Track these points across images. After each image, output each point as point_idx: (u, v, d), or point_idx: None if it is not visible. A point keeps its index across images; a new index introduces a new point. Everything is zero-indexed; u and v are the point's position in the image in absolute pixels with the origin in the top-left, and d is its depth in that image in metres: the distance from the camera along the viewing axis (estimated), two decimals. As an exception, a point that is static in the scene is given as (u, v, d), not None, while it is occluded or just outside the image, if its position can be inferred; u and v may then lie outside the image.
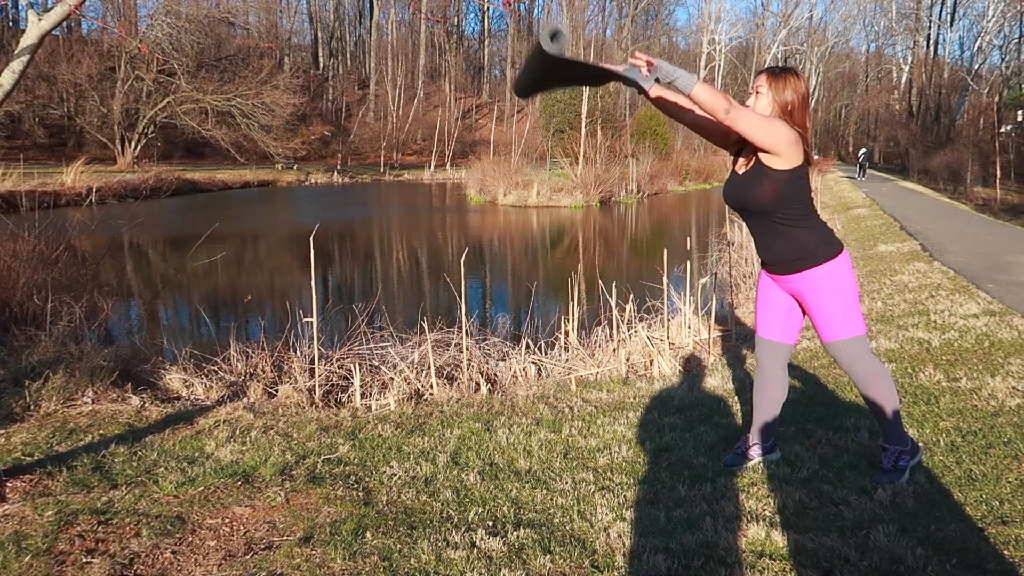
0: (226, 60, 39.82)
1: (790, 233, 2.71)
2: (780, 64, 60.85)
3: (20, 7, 39.74)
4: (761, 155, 2.65)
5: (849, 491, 2.78)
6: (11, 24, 41.34)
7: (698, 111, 2.72)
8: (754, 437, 3.09)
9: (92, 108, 33.76)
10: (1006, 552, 2.28)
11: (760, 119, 2.57)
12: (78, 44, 36.41)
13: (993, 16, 37.49)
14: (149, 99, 33.70)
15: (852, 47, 66.25)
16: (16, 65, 3.02)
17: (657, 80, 2.49)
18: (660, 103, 2.78)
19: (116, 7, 36.90)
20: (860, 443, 3.26)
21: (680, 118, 2.85)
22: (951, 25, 42.05)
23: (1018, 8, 32.38)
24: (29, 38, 3.06)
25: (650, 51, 58.38)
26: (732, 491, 2.86)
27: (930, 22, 43.14)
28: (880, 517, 2.56)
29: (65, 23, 3.21)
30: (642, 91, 2.57)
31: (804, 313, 2.89)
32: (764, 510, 2.69)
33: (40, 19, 3.06)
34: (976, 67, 38.81)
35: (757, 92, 2.71)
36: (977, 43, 38.74)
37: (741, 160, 2.78)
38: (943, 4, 42.52)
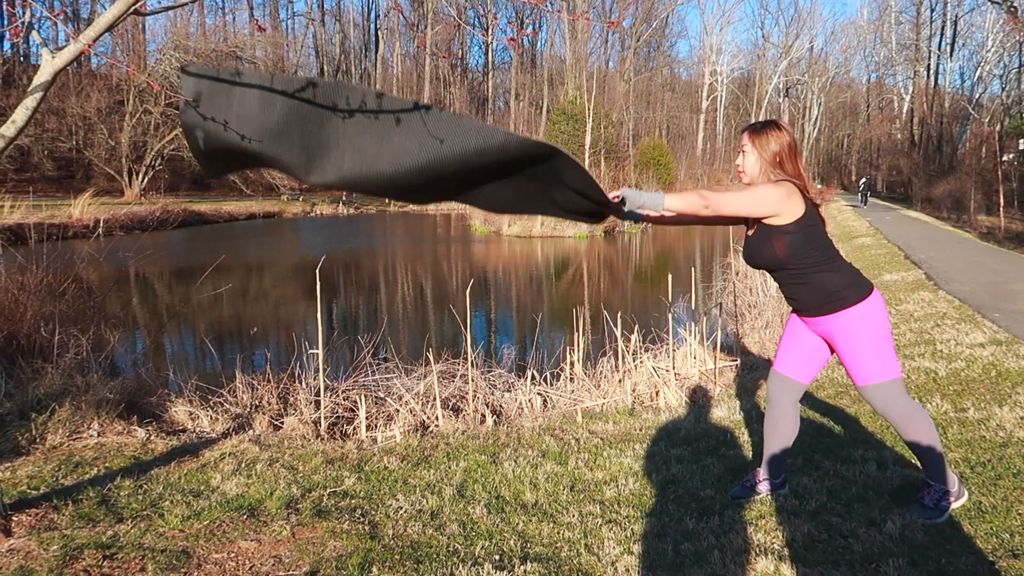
0: (233, 93, 40.26)
1: (814, 280, 2.70)
2: (781, 93, 61.09)
3: (32, 43, 40.37)
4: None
5: (858, 524, 2.76)
6: (22, 59, 41.97)
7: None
8: (764, 472, 3.07)
9: (100, 141, 34.13)
10: (1018, 586, 2.26)
11: (740, 196, 2.61)
12: (87, 78, 36.90)
13: (992, 46, 37.86)
14: (157, 132, 34.08)
15: (853, 77, 66.95)
16: (30, 102, 3.06)
17: (624, 205, 2.56)
18: (656, 221, 2.84)
19: (126, 42, 37.47)
20: (868, 474, 3.24)
21: (685, 223, 2.92)
22: (951, 55, 42.44)
23: (1017, 38, 32.69)
24: (43, 75, 3.11)
25: (652, 83, 58.95)
26: (740, 524, 2.84)
27: (930, 52, 43.54)
28: (890, 550, 2.54)
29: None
30: (637, 219, 2.67)
31: (831, 354, 2.87)
32: (773, 543, 2.67)
33: (54, 56, 3.11)
34: (977, 96, 39.09)
35: (743, 151, 2.77)
36: (977, 73, 39.07)
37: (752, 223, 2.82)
38: (942, 35, 42.95)
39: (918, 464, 2.98)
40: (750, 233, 2.80)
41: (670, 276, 6.21)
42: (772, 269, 2.78)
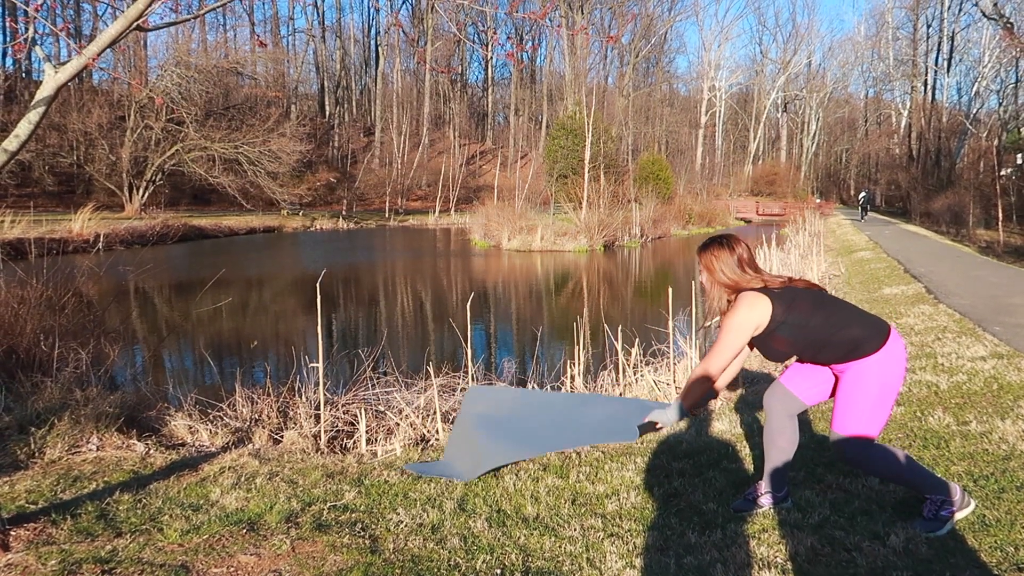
0: (234, 109, 40.49)
1: (831, 343, 2.75)
2: (779, 108, 61.40)
3: (33, 58, 40.60)
4: None
5: (861, 537, 2.74)
6: (24, 75, 42.17)
7: (722, 377, 2.98)
8: (765, 485, 3.06)
9: (101, 156, 34.23)
10: (1024, 600, 2.24)
11: (721, 347, 2.80)
12: (89, 94, 37.05)
13: (989, 62, 38.06)
14: (157, 147, 34.19)
15: (851, 92, 67.30)
16: (32, 116, 3.08)
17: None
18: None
19: (127, 58, 37.66)
20: (871, 487, 3.22)
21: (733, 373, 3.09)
22: (948, 71, 42.66)
23: (1013, 54, 32.88)
24: (45, 90, 3.12)
25: (651, 98, 59.19)
26: (743, 538, 2.82)
27: (927, 68, 43.76)
28: (894, 564, 2.52)
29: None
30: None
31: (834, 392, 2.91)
32: (776, 557, 2.65)
33: (56, 71, 3.13)
34: (974, 111, 39.26)
35: (701, 271, 2.96)
36: (974, 88, 39.27)
37: None
38: (939, 50, 43.19)
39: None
40: (752, 344, 2.90)
41: (670, 289, 6.21)
42: (794, 356, 2.86)
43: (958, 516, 2.78)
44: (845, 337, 2.72)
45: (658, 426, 2.97)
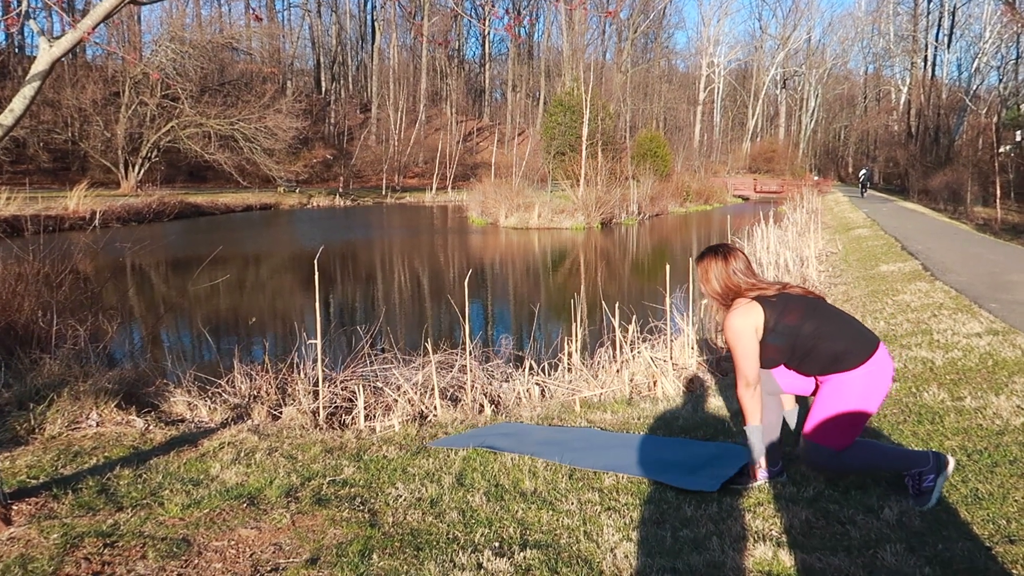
0: (229, 85, 40.14)
1: (811, 353, 2.80)
2: (778, 84, 60.87)
3: (26, 33, 40.20)
4: None
5: (855, 510, 2.77)
6: (17, 51, 41.74)
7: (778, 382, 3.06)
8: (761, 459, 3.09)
9: (96, 133, 33.97)
10: (1014, 571, 2.27)
11: (740, 361, 2.85)
12: (83, 70, 36.72)
13: (990, 38, 37.83)
14: (153, 123, 33.93)
15: (850, 69, 66.87)
16: (27, 91, 3.05)
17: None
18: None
19: (121, 33, 37.27)
20: (866, 462, 3.25)
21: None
22: (948, 47, 42.40)
23: (1014, 30, 32.66)
24: (40, 64, 3.10)
25: (649, 74, 58.74)
26: (738, 511, 2.86)
27: (927, 44, 43.48)
28: (887, 536, 2.55)
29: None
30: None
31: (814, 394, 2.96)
32: (771, 530, 2.68)
33: (51, 45, 3.10)
34: (974, 88, 39.08)
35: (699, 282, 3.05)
36: (975, 64, 39.07)
37: None
38: (940, 26, 42.90)
39: (912, 448, 3.00)
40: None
41: (668, 267, 6.22)
42: (784, 365, 2.92)
43: (942, 477, 2.81)
44: (827, 350, 2.77)
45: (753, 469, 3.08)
